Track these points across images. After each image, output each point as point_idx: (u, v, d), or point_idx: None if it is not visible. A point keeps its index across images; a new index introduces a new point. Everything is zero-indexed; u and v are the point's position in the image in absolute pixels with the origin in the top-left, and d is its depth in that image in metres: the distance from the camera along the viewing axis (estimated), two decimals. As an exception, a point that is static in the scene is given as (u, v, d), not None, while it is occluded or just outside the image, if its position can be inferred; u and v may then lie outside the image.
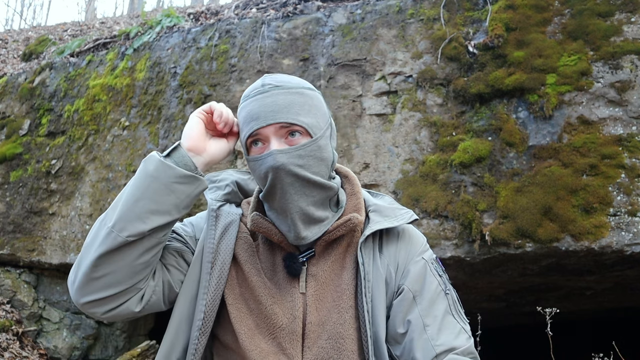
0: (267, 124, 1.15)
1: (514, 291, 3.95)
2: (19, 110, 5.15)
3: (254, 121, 1.17)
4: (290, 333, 1.16)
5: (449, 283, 1.26)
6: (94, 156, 4.47)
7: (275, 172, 1.13)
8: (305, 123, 1.17)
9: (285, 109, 1.16)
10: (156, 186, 1.12)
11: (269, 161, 1.14)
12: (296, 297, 1.18)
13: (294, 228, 1.16)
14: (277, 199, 1.16)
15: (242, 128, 1.21)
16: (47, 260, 4.42)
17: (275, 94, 1.18)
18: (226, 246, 1.22)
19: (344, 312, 1.17)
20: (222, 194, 1.33)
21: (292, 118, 1.16)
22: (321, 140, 1.20)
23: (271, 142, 1.16)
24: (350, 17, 3.83)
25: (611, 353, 2.80)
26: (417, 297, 1.19)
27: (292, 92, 1.19)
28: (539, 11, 3.29)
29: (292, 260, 1.20)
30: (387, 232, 1.27)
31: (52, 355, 4.49)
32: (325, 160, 1.21)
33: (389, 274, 1.22)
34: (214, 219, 1.26)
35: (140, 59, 4.53)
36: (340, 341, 1.14)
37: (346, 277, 1.20)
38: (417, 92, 3.44)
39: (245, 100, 1.22)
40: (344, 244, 1.24)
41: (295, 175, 1.14)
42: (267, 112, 1.16)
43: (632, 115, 2.92)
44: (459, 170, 3.16)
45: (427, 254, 1.27)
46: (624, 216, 2.78)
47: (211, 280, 1.18)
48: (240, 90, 3.93)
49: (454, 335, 1.15)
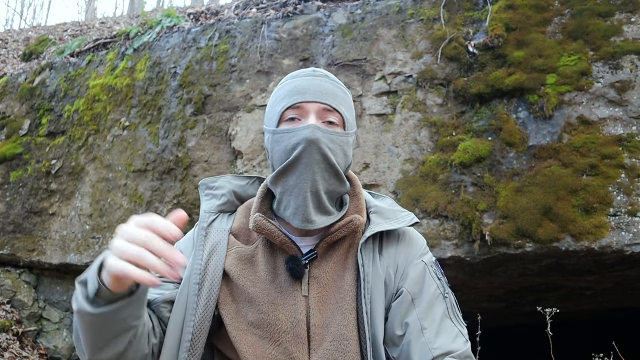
0: (314, 100, 1.19)
1: (514, 291, 3.95)
2: (19, 110, 5.15)
3: (299, 94, 1.20)
4: (295, 337, 1.15)
5: (448, 286, 1.26)
6: (94, 156, 4.47)
7: (308, 144, 1.14)
8: (345, 115, 1.23)
9: (332, 95, 1.22)
10: (87, 324, 1.01)
11: (305, 133, 1.15)
12: (299, 300, 1.18)
13: (304, 208, 1.16)
14: (298, 173, 1.16)
15: (282, 100, 1.23)
16: (47, 260, 4.42)
17: (325, 81, 1.24)
18: (215, 266, 1.21)
19: (347, 313, 1.16)
20: (217, 205, 1.32)
21: (336, 104, 1.21)
22: (350, 137, 1.25)
23: (310, 117, 1.19)
24: (350, 17, 3.83)
25: (611, 353, 2.80)
26: (416, 300, 1.19)
27: (338, 85, 1.26)
28: (539, 11, 3.29)
29: (294, 262, 1.19)
30: (387, 234, 1.27)
31: (52, 355, 4.48)
32: (347, 157, 1.24)
33: (388, 275, 1.22)
34: (202, 238, 1.25)
35: (140, 59, 4.53)
36: (345, 343, 1.14)
37: (348, 279, 1.20)
38: (417, 92, 3.44)
39: (292, 78, 1.26)
40: (346, 245, 1.24)
41: (324, 155, 1.16)
42: (316, 91, 1.20)
43: (632, 115, 2.92)
44: (459, 170, 3.16)
45: (426, 256, 1.27)
46: (624, 216, 2.78)
47: (199, 302, 1.17)
48: (241, 90, 3.93)
49: (451, 339, 1.16)
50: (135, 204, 4.08)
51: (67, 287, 4.69)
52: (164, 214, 3.90)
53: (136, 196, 4.09)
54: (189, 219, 4.04)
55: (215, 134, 3.92)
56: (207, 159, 3.90)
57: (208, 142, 3.93)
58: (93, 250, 4.19)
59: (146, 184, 4.08)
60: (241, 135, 3.79)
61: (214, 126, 3.93)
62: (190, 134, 3.99)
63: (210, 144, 3.92)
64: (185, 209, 3.86)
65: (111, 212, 4.19)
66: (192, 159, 3.93)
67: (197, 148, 3.94)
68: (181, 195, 3.90)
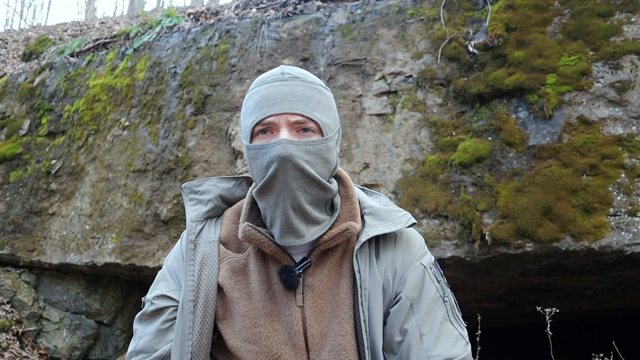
0: (283, 112, 1.10)
1: (514, 291, 3.95)
2: (19, 110, 5.15)
3: (267, 107, 1.11)
4: (293, 347, 1.13)
5: (447, 287, 1.23)
6: (94, 156, 4.47)
7: (281, 161, 1.07)
8: (320, 120, 1.14)
9: (303, 101, 1.12)
10: None
11: (277, 149, 1.08)
12: (294, 311, 1.14)
13: (288, 226, 1.10)
14: (276, 192, 1.10)
15: (250, 113, 1.15)
16: (47, 260, 4.42)
17: (295, 85, 1.14)
18: (208, 280, 1.17)
19: (344, 322, 1.13)
20: (204, 212, 1.26)
21: (308, 112, 1.12)
22: (330, 142, 1.16)
23: (281, 131, 1.11)
24: (350, 17, 3.83)
25: (611, 353, 2.80)
26: (415, 305, 1.16)
27: (310, 86, 1.16)
28: (539, 11, 3.29)
29: (288, 274, 1.14)
30: (383, 237, 1.22)
31: (52, 355, 4.48)
32: (330, 163, 1.17)
33: (386, 281, 1.18)
34: (192, 251, 1.20)
35: (140, 59, 4.53)
36: (343, 353, 1.12)
37: (344, 286, 1.16)
38: (417, 92, 3.44)
39: (259, 85, 1.16)
40: (340, 251, 1.19)
41: (300, 169, 1.09)
42: (284, 101, 1.11)
43: (632, 115, 2.92)
44: (459, 170, 3.16)
45: (425, 258, 1.23)
46: (624, 216, 2.78)
47: (195, 320, 1.15)
48: (241, 90, 3.93)
49: (451, 344, 1.14)
50: (135, 204, 4.08)
51: (67, 287, 4.69)
52: (164, 214, 3.91)
53: (136, 196, 4.09)
54: (189, 219, 4.02)
55: (215, 134, 3.92)
56: (207, 159, 3.90)
57: (208, 142, 3.93)
58: (93, 250, 4.19)
59: (146, 184, 4.08)
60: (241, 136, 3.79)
61: (214, 126, 3.93)
62: (190, 134, 3.99)
63: (210, 144, 3.92)
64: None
65: (111, 212, 4.19)
66: (192, 159, 3.93)
67: (197, 148, 3.94)
68: (181, 195, 3.90)
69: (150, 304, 1.24)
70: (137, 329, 1.25)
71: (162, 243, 3.93)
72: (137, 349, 1.21)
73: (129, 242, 4.02)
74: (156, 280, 1.29)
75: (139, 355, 1.21)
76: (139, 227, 4.00)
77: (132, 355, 1.22)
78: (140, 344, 1.22)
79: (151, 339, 1.21)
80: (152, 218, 3.97)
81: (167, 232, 3.93)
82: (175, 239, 3.88)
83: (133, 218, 4.04)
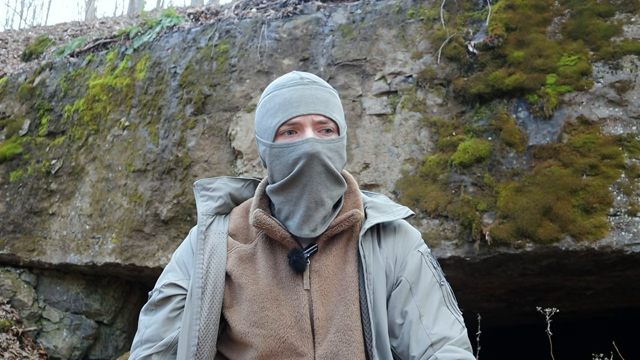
0: (308, 113, 1.20)
1: (514, 291, 3.95)
2: (19, 110, 5.15)
3: (293, 108, 1.20)
4: (299, 331, 1.17)
5: (443, 275, 1.29)
6: (94, 156, 4.47)
7: (309, 158, 1.17)
8: (338, 120, 1.24)
9: (324, 103, 1.22)
10: None
11: (305, 147, 1.17)
12: (301, 295, 1.19)
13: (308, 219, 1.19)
14: (301, 186, 1.18)
15: (275, 114, 1.22)
16: (47, 260, 4.42)
17: (314, 89, 1.23)
18: (217, 268, 1.22)
19: (350, 304, 1.18)
20: (214, 207, 1.33)
21: (329, 113, 1.22)
22: (344, 140, 1.28)
23: (306, 131, 1.20)
24: (350, 17, 3.83)
25: (611, 353, 2.80)
26: (414, 288, 1.23)
27: (327, 90, 1.26)
28: (539, 11, 3.29)
29: (297, 255, 1.20)
30: (384, 228, 1.31)
31: (52, 355, 4.49)
32: (344, 159, 1.27)
33: (388, 266, 1.25)
34: (202, 242, 1.26)
35: (140, 59, 4.54)
36: (349, 333, 1.16)
37: (350, 270, 1.22)
38: (417, 92, 3.44)
39: (279, 88, 1.24)
40: (344, 238, 1.26)
41: (325, 165, 1.19)
42: (309, 103, 1.21)
43: (632, 115, 2.92)
44: (459, 170, 3.16)
45: (422, 247, 1.31)
46: (624, 216, 2.78)
47: (203, 306, 1.19)
48: (241, 90, 3.93)
49: (449, 326, 1.19)
50: (135, 204, 4.08)
51: (67, 287, 4.69)
52: (164, 214, 3.91)
53: (136, 196, 4.09)
54: (189, 219, 4.04)
55: (215, 134, 3.92)
56: (207, 159, 3.90)
57: (208, 142, 3.93)
58: (93, 250, 4.19)
59: (146, 184, 4.08)
60: (241, 135, 3.79)
61: (214, 126, 3.93)
62: (190, 134, 3.99)
63: (210, 144, 3.92)
64: (185, 209, 3.86)
65: (111, 212, 4.19)
66: (192, 159, 3.93)
67: (197, 148, 3.94)
68: (181, 195, 3.90)
69: (158, 292, 1.27)
70: (143, 319, 1.26)
71: (162, 243, 3.93)
72: (144, 338, 1.22)
73: (129, 242, 4.02)
74: (164, 271, 1.33)
75: (145, 344, 1.22)
76: (139, 227, 4.00)
77: (138, 345, 1.23)
78: (147, 333, 1.23)
79: (159, 327, 1.22)
80: (152, 218, 3.97)
81: (167, 232, 3.93)
82: (176, 239, 3.88)
83: (133, 218, 4.04)
